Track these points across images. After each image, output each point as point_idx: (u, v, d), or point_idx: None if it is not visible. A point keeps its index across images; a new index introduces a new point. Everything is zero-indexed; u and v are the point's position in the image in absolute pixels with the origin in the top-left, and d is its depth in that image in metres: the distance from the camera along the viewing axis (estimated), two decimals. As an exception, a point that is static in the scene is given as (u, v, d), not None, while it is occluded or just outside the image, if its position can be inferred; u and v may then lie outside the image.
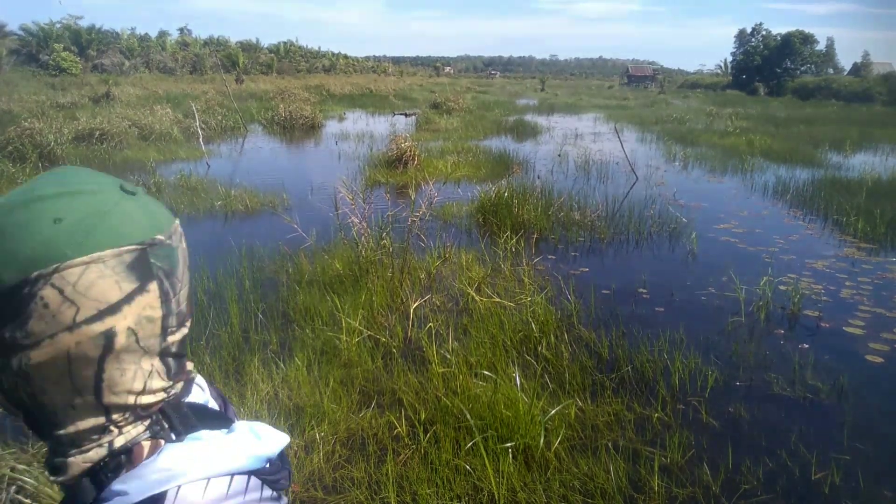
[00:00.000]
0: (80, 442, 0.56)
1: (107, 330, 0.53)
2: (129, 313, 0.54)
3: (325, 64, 66.02)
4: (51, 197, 0.53)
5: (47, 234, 0.51)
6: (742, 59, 58.36)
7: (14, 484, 2.36)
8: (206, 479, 0.56)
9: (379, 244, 5.50)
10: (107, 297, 0.53)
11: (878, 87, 41.06)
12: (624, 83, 76.23)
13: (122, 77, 33.80)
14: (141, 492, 0.53)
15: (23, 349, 0.51)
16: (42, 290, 0.50)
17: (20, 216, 0.51)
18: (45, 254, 0.50)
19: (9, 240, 0.50)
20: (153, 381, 0.58)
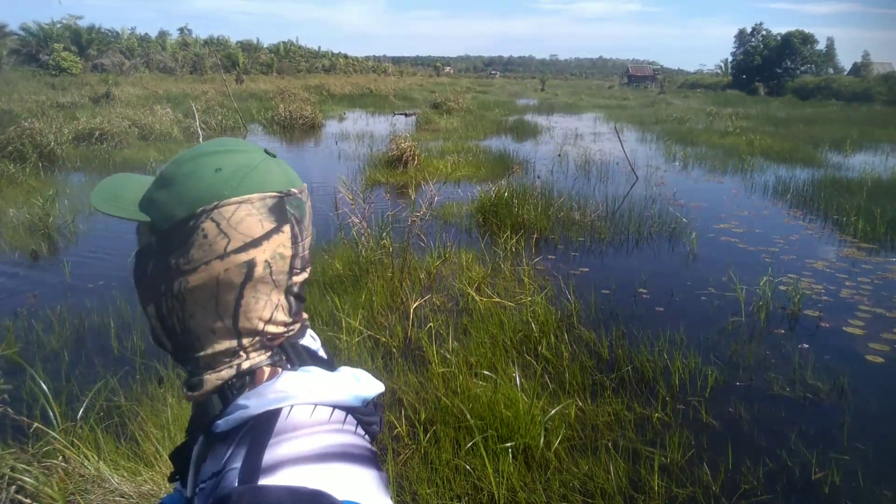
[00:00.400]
0: (215, 364, 0.69)
1: (249, 260, 0.66)
2: (267, 248, 0.67)
3: (324, 64, 66.03)
4: (212, 153, 0.68)
5: (210, 180, 0.66)
6: (742, 59, 58.37)
7: (14, 484, 2.36)
8: (314, 404, 0.65)
9: (379, 244, 5.50)
10: (252, 231, 0.66)
11: (879, 86, 41.06)
12: (624, 83, 76.22)
13: (122, 77, 33.78)
14: (259, 407, 0.64)
15: (183, 274, 0.65)
16: (203, 222, 0.65)
17: (188, 167, 0.68)
18: (208, 194, 0.65)
19: (179, 185, 0.66)
20: (278, 313, 0.70)
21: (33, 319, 4.33)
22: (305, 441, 0.62)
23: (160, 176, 0.70)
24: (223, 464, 0.62)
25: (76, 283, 5.27)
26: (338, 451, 0.63)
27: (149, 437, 2.75)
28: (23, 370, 3.40)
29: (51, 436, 2.61)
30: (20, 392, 3.21)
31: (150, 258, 0.68)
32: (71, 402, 3.13)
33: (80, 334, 4.28)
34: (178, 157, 0.70)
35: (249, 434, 0.63)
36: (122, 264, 5.68)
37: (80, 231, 6.87)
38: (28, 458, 2.50)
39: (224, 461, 0.63)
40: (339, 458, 0.62)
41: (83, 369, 3.74)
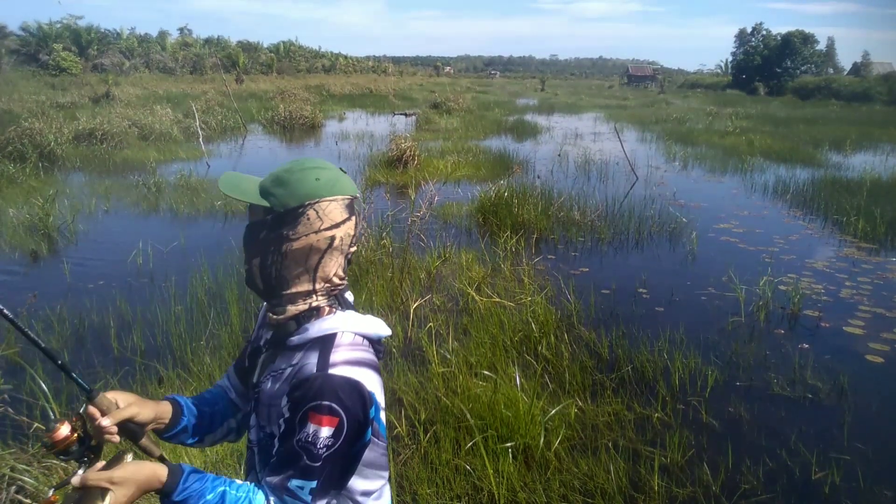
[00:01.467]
0: (295, 300, 1.08)
1: (331, 236, 1.07)
2: (343, 229, 1.08)
3: (324, 64, 66.00)
4: (313, 168, 1.08)
5: (313, 184, 1.06)
6: (742, 59, 58.32)
7: (14, 484, 2.36)
8: (354, 333, 1.07)
9: (379, 244, 5.50)
10: (336, 218, 1.07)
11: (879, 86, 41.04)
12: (624, 83, 76.17)
13: (122, 77, 33.78)
14: (322, 331, 1.05)
15: (290, 241, 1.05)
16: (308, 210, 1.05)
17: (298, 175, 1.06)
18: (313, 193, 1.05)
19: (293, 185, 1.05)
20: (339, 271, 1.11)
21: (33, 319, 4.33)
22: (351, 353, 1.04)
23: (276, 178, 1.07)
24: (297, 362, 1.04)
25: (76, 283, 5.27)
26: (366, 361, 1.06)
27: (148, 437, 2.74)
28: (23, 370, 3.40)
29: (51, 436, 2.61)
30: (20, 392, 3.22)
31: (263, 229, 1.07)
32: (71, 402, 3.14)
33: (80, 334, 4.28)
34: (289, 168, 1.08)
35: (318, 345, 1.04)
36: (122, 264, 5.68)
37: (80, 231, 6.87)
38: (28, 458, 2.50)
39: (297, 361, 1.04)
40: (367, 366, 1.05)
41: (83, 369, 3.74)
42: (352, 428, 0.99)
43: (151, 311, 4.56)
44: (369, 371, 1.05)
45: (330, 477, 0.98)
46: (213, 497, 0.95)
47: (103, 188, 8.95)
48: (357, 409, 0.99)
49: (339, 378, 0.99)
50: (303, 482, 0.96)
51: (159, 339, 4.16)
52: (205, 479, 0.98)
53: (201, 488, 0.96)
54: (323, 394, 0.96)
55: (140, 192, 8.75)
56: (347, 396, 0.98)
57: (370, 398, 1.02)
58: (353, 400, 0.99)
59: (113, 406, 1.05)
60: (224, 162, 12.18)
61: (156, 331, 4.26)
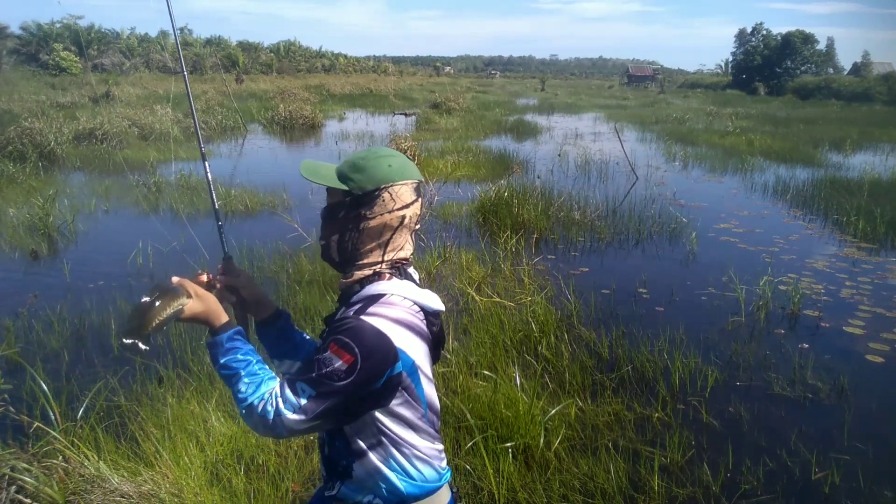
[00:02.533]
0: (362, 266, 1.24)
1: (402, 215, 1.23)
2: (412, 208, 1.25)
3: (324, 64, 65.96)
4: (386, 156, 1.24)
5: (386, 170, 1.22)
6: (742, 59, 58.32)
7: (14, 484, 2.36)
8: (403, 297, 1.21)
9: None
10: (406, 200, 1.23)
11: (879, 86, 41.03)
12: (624, 83, 76.16)
13: (122, 77, 33.74)
14: (376, 291, 1.20)
15: (367, 219, 1.22)
16: (383, 193, 1.21)
17: (373, 162, 1.23)
18: (387, 178, 1.21)
19: (369, 171, 1.21)
20: (407, 245, 1.28)
21: (33, 319, 4.33)
22: (392, 310, 1.17)
23: (353, 164, 1.23)
24: (349, 311, 1.19)
25: (76, 283, 5.27)
26: (407, 323, 1.18)
27: (149, 437, 2.75)
28: (23, 370, 3.40)
29: (51, 436, 2.61)
30: (20, 392, 3.22)
31: (342, 209, 1.24)
32: (71, 402, 3.13)
33: (80, 334, 4.28)
34: (364, 155, 1.25)
35: (366, 300, 1.18)
36: (122, 264, 5.68)
37: (80, 231, 6.87)
38: (28, 458, 2.49)
39: (350, 310, 1.19)
40: (405, 326, 1.17)
41: (83, 369, 3.74)
42: (364, 372, 1.09)
43: (151, 310, 4.55)
44: (407, 332, 1.16)
45: (329, 401, 1.10)
46: (243, 359, 1.17)
47: (103, 188, 8.95)
48: (376, 358, 1.10)
49: (369, 325, 1.12)
50: (307, 387, 1.10)
51: (159, 339, 4.16)
52: (246, 343, 1.21)
53: (242, 348, 1.19)
54: (348, 332, 1.11)
55: (140, 192, 8.74)
56: (369, 343, 1.10)
57: (395, 355, 1.13)
58: (373, 349, 1.10)
59: (236, 273, 1.37)
60: (224, 162, 12.18)
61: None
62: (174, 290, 1.18)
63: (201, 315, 1.19)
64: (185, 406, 3.07)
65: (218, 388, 3.28)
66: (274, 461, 2.74)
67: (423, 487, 1.22)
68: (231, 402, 3.19)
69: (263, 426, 1.12)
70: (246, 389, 1.13)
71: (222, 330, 1.20)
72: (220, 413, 3.03)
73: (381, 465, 1.19)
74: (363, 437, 1.19)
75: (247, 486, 2.55)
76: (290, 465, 2.71)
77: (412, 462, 1.21)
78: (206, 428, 2.89)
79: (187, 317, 1.17)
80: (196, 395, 3.20)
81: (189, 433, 2.83)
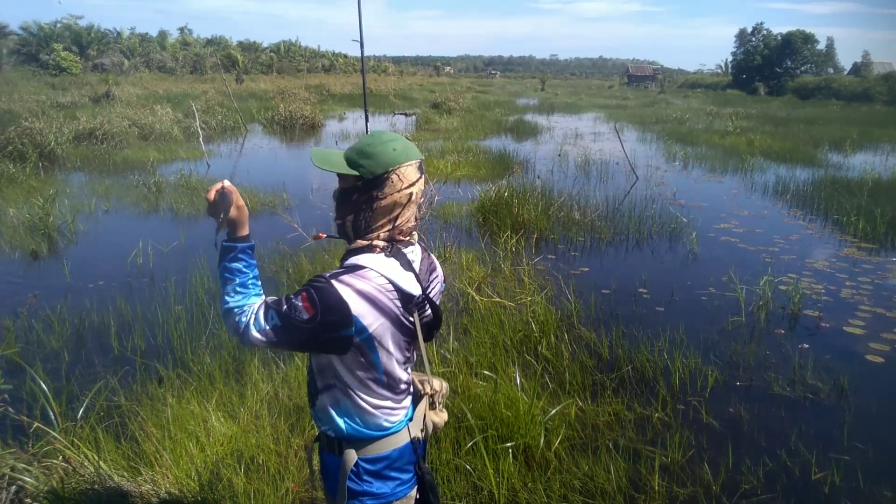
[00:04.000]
0: (368, 240, 1.38)
1: (410, 192, 1.38)
2: (417, 185, 1.40)
3: (324, 63, 65.93)
4: (390, 140, 1.37)
5: (392, 154, 1.35)
6: (742, 59, 58.28)
7: (14, 484, 2.36)
8: (379, 273, 1.33)
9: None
10: (412, 178, 1.38)
11: (879, 86, 41.00)
12: (624, 83, 76.11)
13: (122, 77, 33.75)
14: (358, 262, 1.34)
15: (378, 199, 1.36)
16: (391, 175, 1.35)
17: (380, 148, 1.35)
18: (394, 161, 1.35)
19: (377, 156, 1.35)
20: (412, 218, 1.43)
21: (33, 319, 4.33)
22: (361, 283, 1.31)
23: (361, 151, 1.36)
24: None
25: (76, 283, 5.27)
26: (370, 296, 1.31)
27: (149, 437, 2.75)
28: (23, 370, 3.40)
29: (51, 436, 2.61)
30: (20, 392, 3.22)
31: (355, 192, 1.38)
32: (71, 402, 3.13)
33: (80, 334, 4.28)
34: (370, 142, 1.36)
35: (347, 268, 1.34)
36: (122, 264, 5.68)
37: (80, 231, 6.87)
38: (28, 458, 2.50)
39: (334, 270, 1.36)
40: (367, 300, 1.30)
41: (83, 369, 3.74)
42: (320, 326, 1.27)
43: (151, 311, 4.56)
44: (367, 305, 1.30)
45: (287, 335, 1.28)
46: (245, 270, 1.34)
47: (103, 188, 8.95)
48: (332, 318, 1.27)
49: (334, 289, 1.28)
50: (275, 317, 1.28)
51: (159, 339, 4.16)
52: (252, 259, 1.37)
53: (248, 261, 1.35)
54: (319, 290, 1.27)
55: (140, 192, 8.75)
56: (329, 304, 1.26)
57: (350, 320, 1.28)
58: (331, 309, 1.26)
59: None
60: (224, 162, 12.18)
61: (156, 331, 4.26)
62: (231, 193, 1.34)
63: (234, 219, 1.33)
64: (185, 406, 3.07)
65: (218, 388, 3.29)
66: (274, 461, 2.74)
67: (361, 432, 1.41)
68: (230, 402, 3.19)
69: (234, 331, 1.31)
70: (234, 296, 1.31)
71: (241, 240, 1.34)
72: (220, 413, 3.03)
73: (331, 404, 1.41)
74: (322, 377, 1.41)
75: (247, 486, 2.54)
76: (290, 465, 2.71)
77: (357, 410, 1.40)
78: (206, 428, 2.89)
79: (230, 217, 1.33)
80: (196, 395, 3.20)
81: (189, 433, 2.83)
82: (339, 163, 1.38)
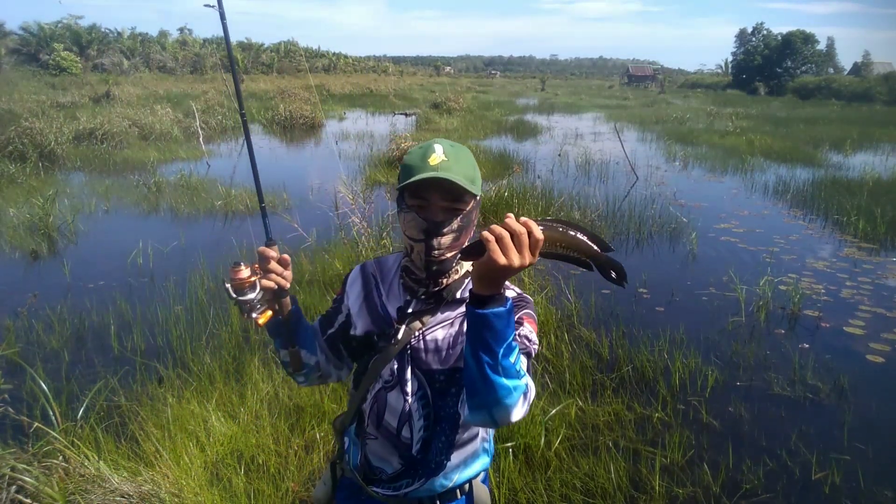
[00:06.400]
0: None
1: None
2: None
3: (324, 63, 65.95)
4: (463, 147, 1.26)
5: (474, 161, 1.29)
6: (742, 59, 58.29)
7: (14, 484, 2.36)
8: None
9: (379, 244, 5.50)
10: None
11: (879, 86, 41.01)
12: (624, 83, 76.12)
13: (122, 77, 33.77)
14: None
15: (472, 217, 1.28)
16: None
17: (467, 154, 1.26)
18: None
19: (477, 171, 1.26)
20: None
21: (33, 319, 4.33)
22: None
23: (472, 172, 1.23)
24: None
25: (76, 283, 5.27)
26: None
27: (149, 437, 2.75)
28: (23, 370, 3.40)
29: (51, 436, 2.61)
30: (20, 392, 3.22)
31: (473, 211, 1.25)
32: (71, 402, 3.13)
33: (80, 334, 4.28)
34: (464, 152, 1.25)
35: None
36: (122, 264, 5.68)
37: (80, 231, 6.87)
38: (28, 458, 2.49)
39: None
40: None
41: (83, 369, 3.74)
42: None
43: (151, 311, 4.56)
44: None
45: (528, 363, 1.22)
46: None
47: (103, 188, 8.95)
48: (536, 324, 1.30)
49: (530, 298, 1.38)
50: (524, 358, 1.18)
51: (159, 339, 4.16)
52: None
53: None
54: (529, 304, 1.32)
55: (140, 192, 8.74)
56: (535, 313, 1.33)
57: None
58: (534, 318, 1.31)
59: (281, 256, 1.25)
60: (224, 162, 12.17)
61: (156, 331, 4.26)
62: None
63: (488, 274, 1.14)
64: (185, 406, 3.07)
65: (218, 388, 3.28)
66: (274, 461, 2.74)
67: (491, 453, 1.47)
68: (230, 402, 3.19)
69: (523, 409, 1.13)
70: (517, 362, 1.10)
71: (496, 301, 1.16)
72: (220, 413, 3.03)
73: (472, 452, 1.38)
74: (468, 427, 1.35)
75: (247, 486, 2.54)
76: (290, 465, 2.71)
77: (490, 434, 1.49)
78: (206, 428, 2.89)
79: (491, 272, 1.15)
80: (196, 395, 3.20)
81: (189, 433, 2.83)
82: (477, 184, 1.26)
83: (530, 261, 0.99)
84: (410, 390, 1.29)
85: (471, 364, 1.07)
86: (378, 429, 1.34)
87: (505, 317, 1.03)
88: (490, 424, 1.17)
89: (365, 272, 1.42)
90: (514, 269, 0.97)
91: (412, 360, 1.29)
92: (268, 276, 1.22)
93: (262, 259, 1.23)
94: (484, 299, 1.03)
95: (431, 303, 1.30)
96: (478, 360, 1.05)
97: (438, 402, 1.29)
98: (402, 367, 1.29)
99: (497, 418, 1.10)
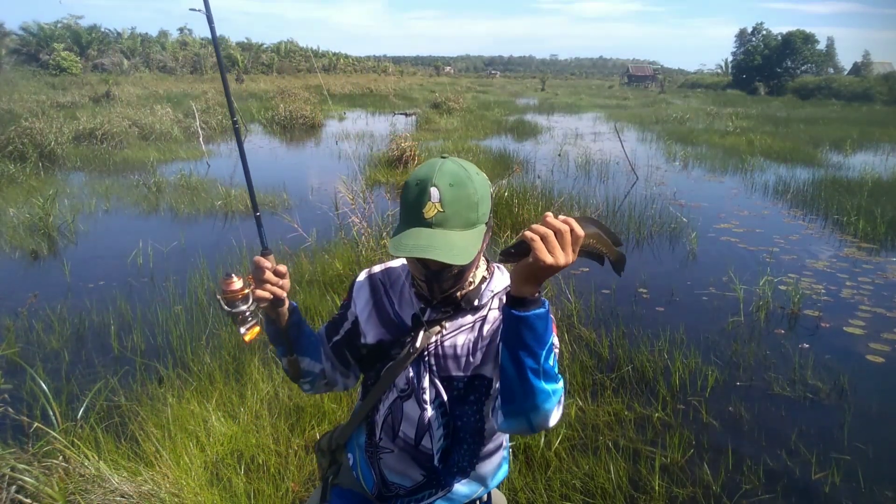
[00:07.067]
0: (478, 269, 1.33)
1: None
2: None
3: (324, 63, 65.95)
4: (477, 173, 1.20)
5: (487, 185, 1.22)
6: (742, 59, 58.27)
7: (14, 484, 2.36)
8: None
9: (379, 244, 5.50)
10: None
11: (879, 86, 41.02)
12: (624, 83, 76.11)
13: (122, 77, 33.78)
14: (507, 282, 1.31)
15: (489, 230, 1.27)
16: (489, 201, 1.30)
17: (481, 185, 1.18)
18: (489, 190, 1.24)
19: (488, 197, 1.20)
20: None
21: (33, 319, 4.33)
22: None
23: (476, 203, 1.16)
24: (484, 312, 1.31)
25: (76, 283, 5.27)
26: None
27: (149, 437, 2.75)
28: (23, 370, 3.40)
29: (51, 436, 2.61)
30: (20, 392, 3.22)
31: (483, 242, 1.17)
32: (71, 402, 3.14)
33: (80, 334, 4.28)
34: (471, 179, 1.17)
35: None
36: (122, 264, 5.68)
37: (80, 231, 6.87)
38: (28, 458, 2.49)
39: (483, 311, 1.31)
40: None
41: (83, 369, 3.74)
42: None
43: (151, 311, 4.56)
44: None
45: None
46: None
47: (103, 188, 8.95)
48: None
49: None
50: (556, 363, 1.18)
51: (159, 339, 4.16)
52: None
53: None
54: None
55: (140, 192, 8.75)
56: None
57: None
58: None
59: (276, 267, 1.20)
60: (224, 162, 12.17)
61: (156, 331, 4.26)
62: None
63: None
64: (185, 406, 3.07)
65: (218, 388, 3.28)
66: (274, 461, 2.74)
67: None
68: (230, 402, 3.19)
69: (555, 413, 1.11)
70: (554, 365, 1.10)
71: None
72: (220, 413, 3.03)
73: (497, 462, 1.38)
74: (495, 436, 1.35)
75: (247, 486, 2.54)
76: (290, 465, 2.71)
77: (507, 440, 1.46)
78: (206, 428, 2.89)
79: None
80: (196, 395, 3.20)
81: (189, 433, 2.83)
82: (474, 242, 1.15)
83: (573, 258, 0.97)
84: (428, 398, 1.24)
85: (510, 369, 1.03)
86: (394, 441, 1.29)
87: (545, 318, 1.01)
88: (527, 431, 1.12)
89: (372, 279, 1.37)
90: (558, 267, 0.95)
91: (430, 366, 1.25)
92: (262, 286, 1.18)
93: (257, 269, 1.19)
94: (524, 301, 1.00)
95: (448, 310, 1.26)
96: (519, 364, 1.01)
97: (457, 410, 1.25)
98: (418, 375, 1.25)
99: (535, 424, 1.07)
